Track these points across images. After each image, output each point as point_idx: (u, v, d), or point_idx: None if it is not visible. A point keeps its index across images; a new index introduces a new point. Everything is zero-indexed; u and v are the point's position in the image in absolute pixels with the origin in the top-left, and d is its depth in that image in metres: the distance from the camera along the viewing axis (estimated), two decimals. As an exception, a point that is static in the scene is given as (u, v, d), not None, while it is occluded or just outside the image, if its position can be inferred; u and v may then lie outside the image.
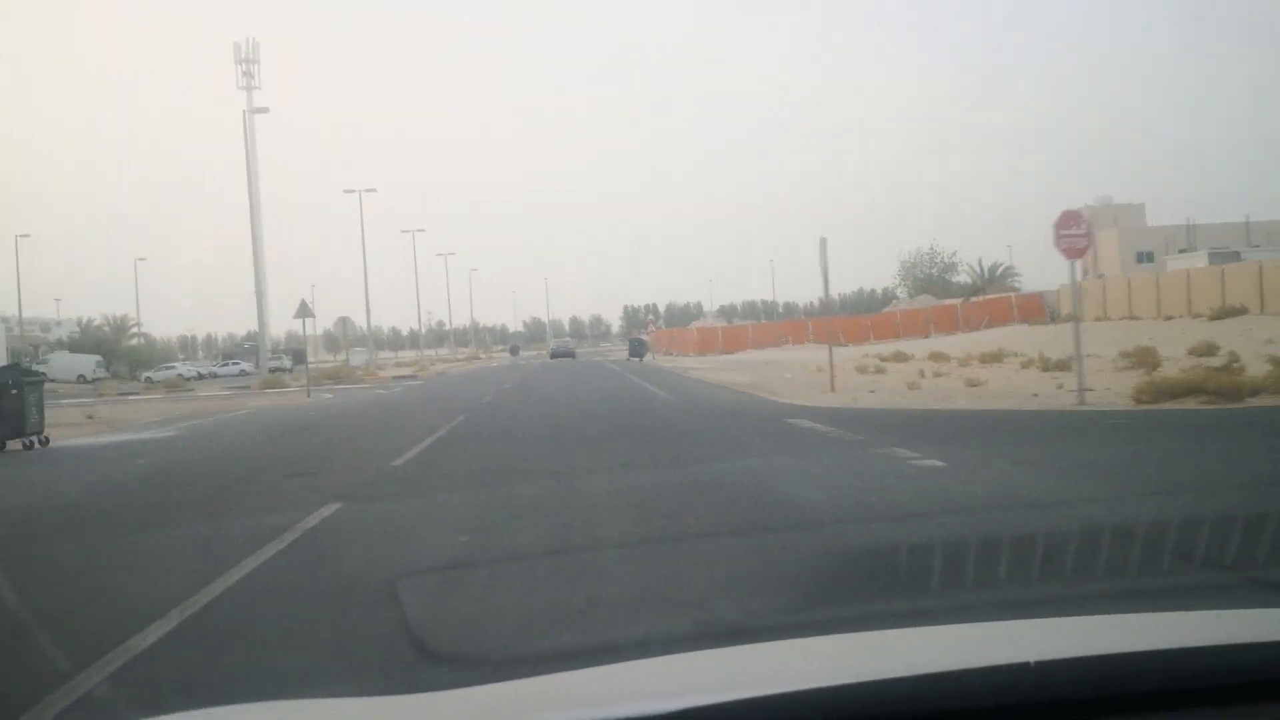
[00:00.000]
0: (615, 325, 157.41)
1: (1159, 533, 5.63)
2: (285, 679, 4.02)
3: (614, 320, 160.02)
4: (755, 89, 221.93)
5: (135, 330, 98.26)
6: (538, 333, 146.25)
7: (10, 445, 16.59)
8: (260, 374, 62.62)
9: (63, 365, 71.97)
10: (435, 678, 3.90)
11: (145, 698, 3.91)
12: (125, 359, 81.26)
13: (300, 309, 33.02)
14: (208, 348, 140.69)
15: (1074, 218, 15.30)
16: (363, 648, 4.36)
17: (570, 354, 74.83)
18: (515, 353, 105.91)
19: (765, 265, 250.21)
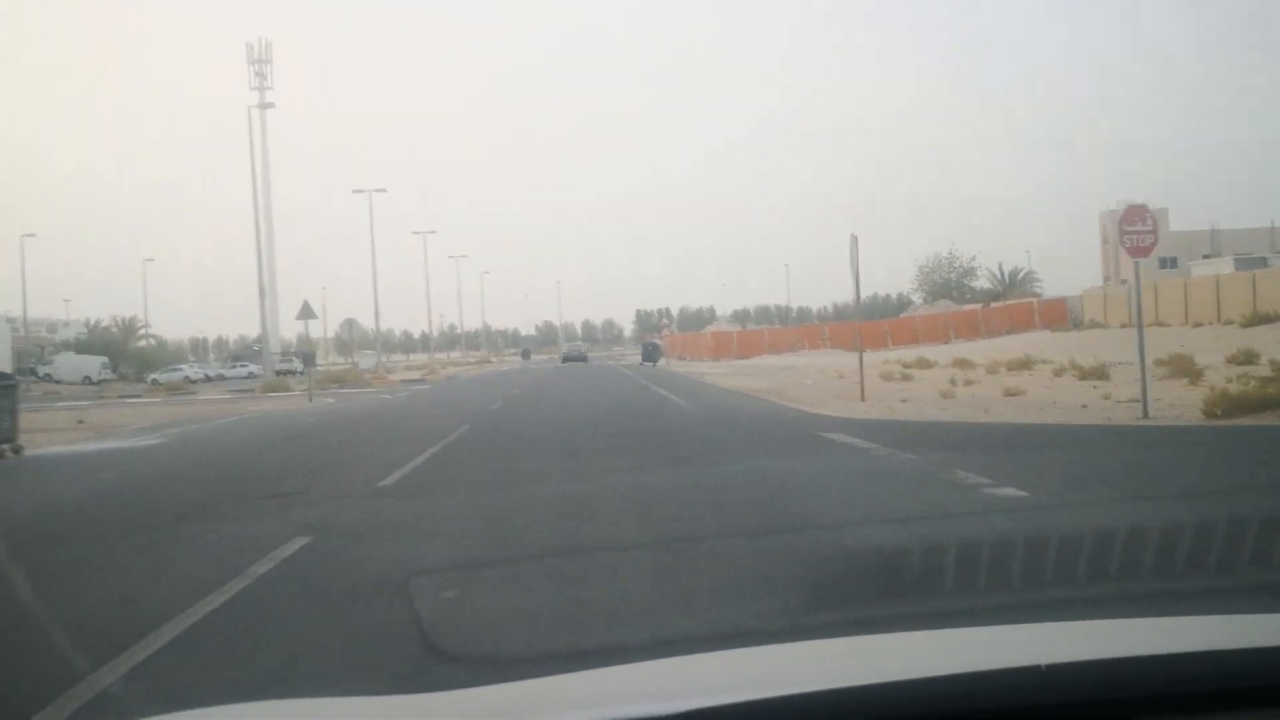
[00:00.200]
0: (628, 329, 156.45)
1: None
2: None
3: (626, 324, 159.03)
4: (765, 89, 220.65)
5: (143, 332, 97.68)
6: (550, 336, 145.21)
7: (-26, 455, 15.35)
8: (268, 376, 61.77)
9: (68, 367, 71.31)
10: None
11: None
12: (133, 361, 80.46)
13: (303, 310, 31.83)
14: (218, 350, 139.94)
15: (1139, 213, 13.89)
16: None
17: (582, 358, 74.02)
18: (527, 356, 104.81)
19: (777, 269, 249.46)
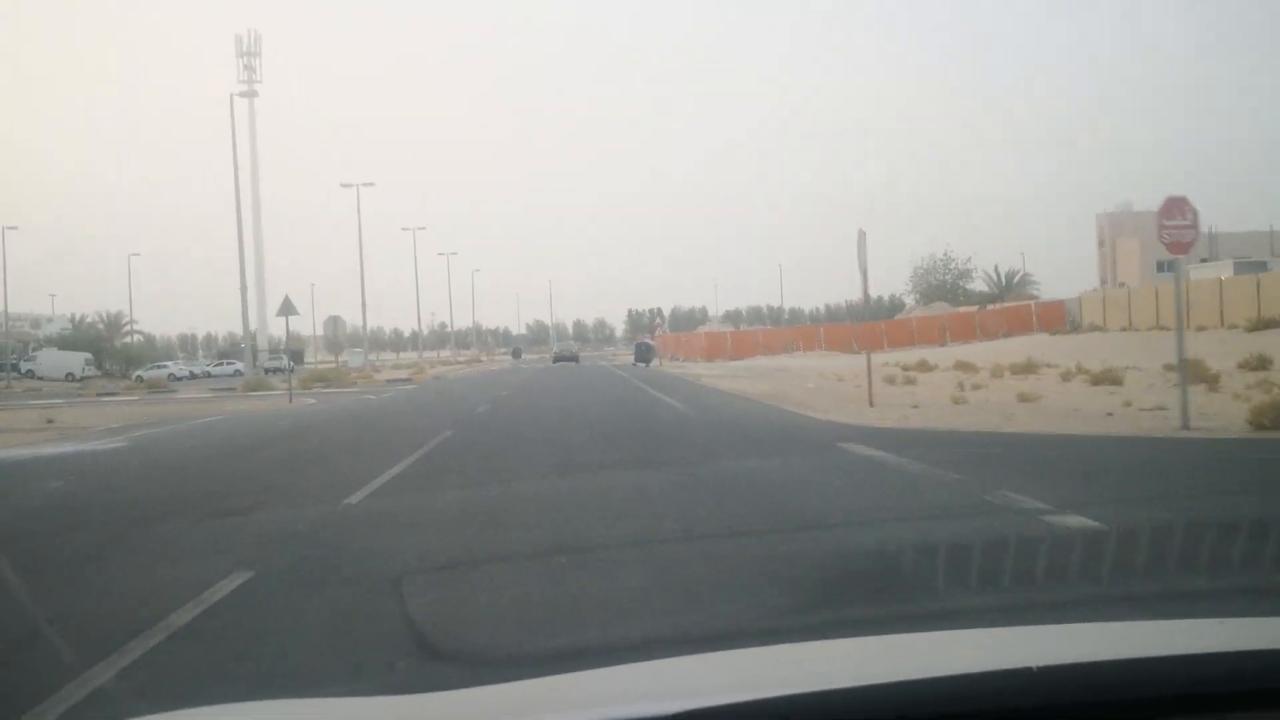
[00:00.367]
0: (619, 329, 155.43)
1: None
2: None
3: (618, 324, 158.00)
4: (760, 90, 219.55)
5: (128, 328, 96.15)
6: (540, 335, 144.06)
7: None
8: (255, 373, 60.59)
9: (51, 363, 69.93)
10: None
11: None
12: (118, 357, 79.00)
13: (283, 306, 30.61)
14: (208, 347, 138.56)
15: (1179, 206, 12.78)
16: None
17: (574, 358, 73.03)
18: (517, 356, 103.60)
19: (770, 271, 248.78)
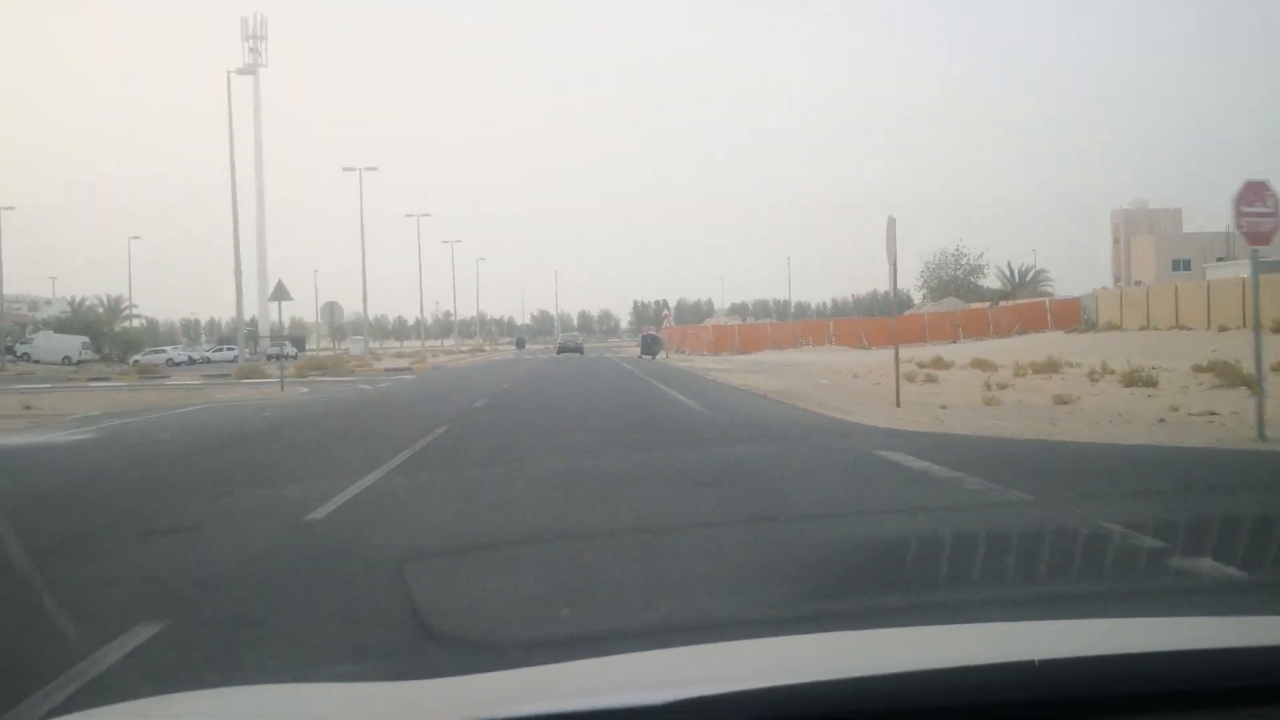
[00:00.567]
0: (624, 320, 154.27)
1: None
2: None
3: (623, 315, 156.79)
4: (767, 85, 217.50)
5: (128, 311, 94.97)
6: (545, 326, 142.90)
7: None
8: (258, 359, 59.61)
9: (48, 346, 68.83)
10: None
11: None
12: (117, 341, 77.74)
13: (276, 290, 29.32)
14: (211, 332, 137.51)
15: (1259, 190, 11.39)
16: None
17: (578, 349, 71.99)
18: (521, 346, 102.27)
19: (774, 265, 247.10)
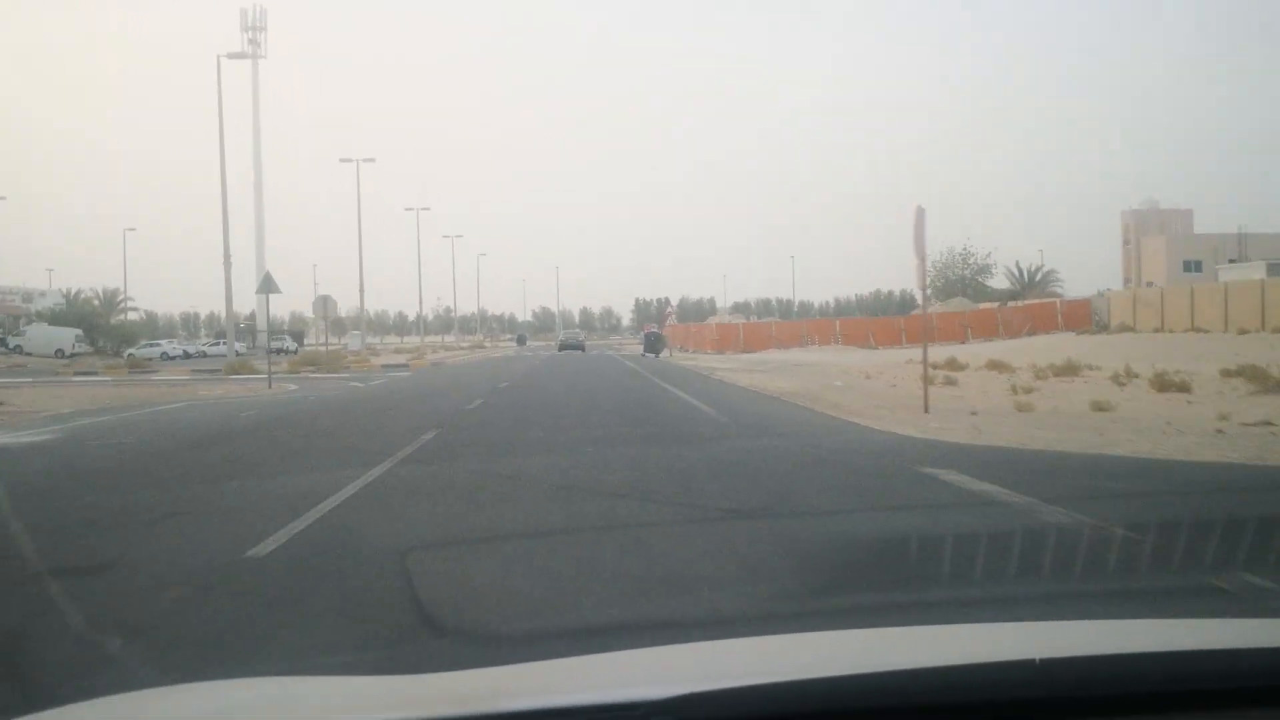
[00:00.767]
0: (626, 318, 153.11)
1: None
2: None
3: (624, 313, 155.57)
4: (772, 81, 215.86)
5: (124, 304, 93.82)
6: (547, 322, 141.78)
7: None
8: (254, 354, 58.58)
9: (40, 338, 67.78)
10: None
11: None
12: (113, 334, 76.55)
13: (263, 283, 27.97)
14: (210, 325, 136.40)
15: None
16: None
17: (580, 346, 70.96)
18: (522, 342, 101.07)
19: (777, 263, 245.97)
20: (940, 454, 10.31)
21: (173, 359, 64.49)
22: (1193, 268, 78.80)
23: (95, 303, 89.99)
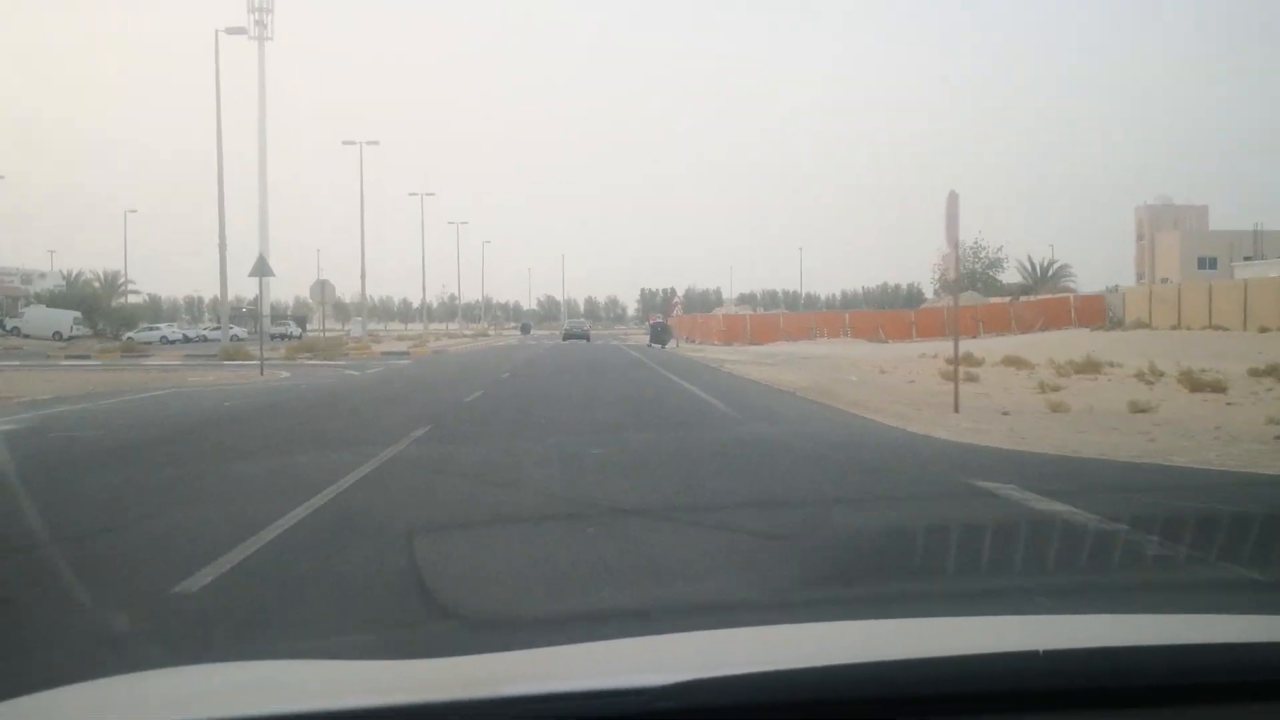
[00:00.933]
0: (631, 308, 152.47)
1: None
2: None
3: (630, 303, 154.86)
4: (779, 74, 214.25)
5: (125, 286, 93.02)
6: (552, 311, 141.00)
7: None
8: (254, 339, 57.66)
9: (39, 321, 67.06)
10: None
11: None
12: (113, 317, 75.78)
13: (257, 266, 26.94)
14: (213, 309, 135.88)
15: None
16: None
17: (584, 336, 70.17)
18: (526, 331, 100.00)
19: (783, 255, 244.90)
20: (985, 462, 9.21)
21: (172, 343, 63.71)
22: (1207, 264, 77.76)
23: (96, 285, 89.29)
